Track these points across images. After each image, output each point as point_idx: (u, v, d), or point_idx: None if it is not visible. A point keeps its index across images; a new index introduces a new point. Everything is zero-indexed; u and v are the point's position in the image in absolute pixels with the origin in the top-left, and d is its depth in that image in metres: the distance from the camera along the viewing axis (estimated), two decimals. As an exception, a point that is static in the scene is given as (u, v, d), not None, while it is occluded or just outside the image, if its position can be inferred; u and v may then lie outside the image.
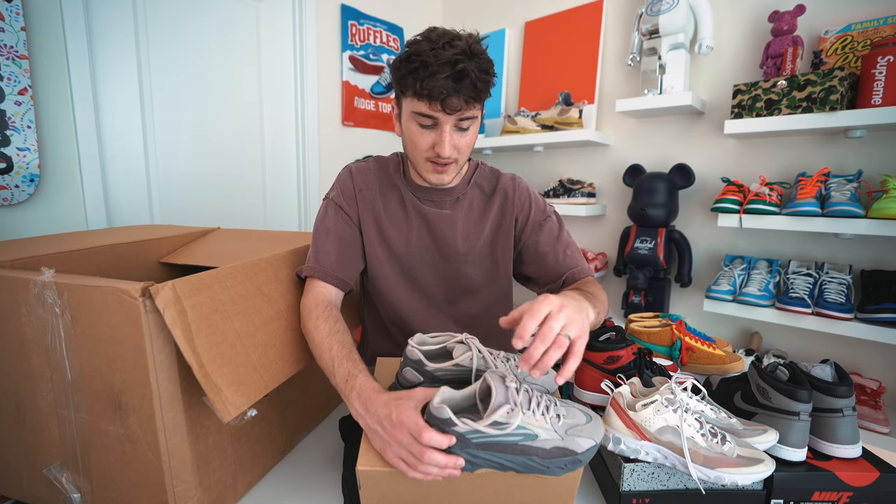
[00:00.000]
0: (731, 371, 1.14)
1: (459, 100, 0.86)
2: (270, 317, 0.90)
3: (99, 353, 0.74)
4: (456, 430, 0.63)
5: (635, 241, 1.93)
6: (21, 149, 1.49)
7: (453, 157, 0.94)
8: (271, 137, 2.25)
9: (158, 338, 0.71)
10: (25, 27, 1.47)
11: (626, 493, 0.82)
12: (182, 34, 1.92)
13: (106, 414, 0.76)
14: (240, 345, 0.81)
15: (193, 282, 0.76)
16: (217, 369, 0.75)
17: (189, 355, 0.71)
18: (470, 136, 0.94)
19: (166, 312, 0.69)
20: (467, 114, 0.89)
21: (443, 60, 0.83)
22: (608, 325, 1.20)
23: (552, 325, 0.64)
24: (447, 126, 0.90)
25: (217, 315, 0.78)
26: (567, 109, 2.16)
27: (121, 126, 1.81)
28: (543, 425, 0.67)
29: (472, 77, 0.84)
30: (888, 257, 1.54)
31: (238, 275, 0.87)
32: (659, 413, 0.80)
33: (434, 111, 0.87)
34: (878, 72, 1.39)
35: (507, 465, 0.66)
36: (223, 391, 0.74)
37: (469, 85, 0.85)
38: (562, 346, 0.64)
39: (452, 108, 0.86)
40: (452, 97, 0.85)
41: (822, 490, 0.80)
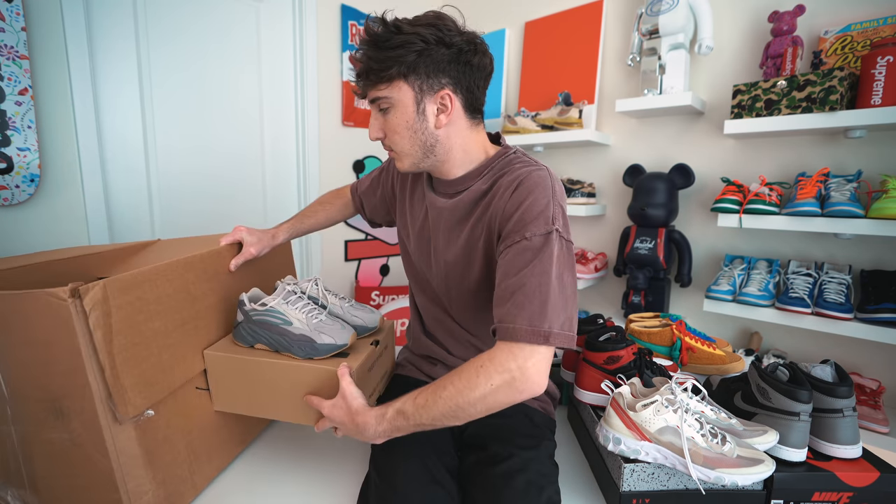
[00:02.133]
0: (731, 371, 1.14)
1: (361, 83, 0.91)
2: (190, 316, 0.93)
3: (34, 361, 0.73)
4: (244, 308, 0.96)
5: (635, 241, 1.93)
6: (21, 149, 1.49)
7: (386, 143, 0.94)
8: (271, 137, 2.25)
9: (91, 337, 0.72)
10: (26, 27, 1.47)
11: (626, 493, 0.82)
12: (182, 34, 1.92)
13: (48, 422, 0.75)
14: (154, 345, 0.83)
15: (124, 280, 0.78)
16: (128, 371, 0.77)
17: (104, 357, 0.73)
18: (393, 118, 0.89)
19: (92, 314, 0.71)
20: (371, 95, 0.90)
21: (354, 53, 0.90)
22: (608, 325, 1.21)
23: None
24: (371, 110, 0.93)
25: (140, 315, 0.81)
26: (567, 109, 2.16)
27: (121, 126, 1.81)
28: (298, 317, 0.95)
29: (364, 60, 0.87)
30: (888, 257, 1.54)
31: (169, 273, 0.88)
32: (659, 413, 0.80)
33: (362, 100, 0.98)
34: (877, 72, 1.39)
35: (269, 339, 0.94)
36: (127, 392, 0.77)
37: (363, 68, 0.88)
38: None
39: (360, 91, 0.92)
40: (358, 81, 0.91)
41: (823, 490, 0.81)
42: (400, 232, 1.16)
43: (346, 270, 2.61)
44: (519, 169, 0.89)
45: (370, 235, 2.69)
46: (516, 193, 0.86)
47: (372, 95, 0.90)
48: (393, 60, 0.84)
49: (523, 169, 0.89)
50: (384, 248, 2.77)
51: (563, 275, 0.79)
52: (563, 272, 0.79)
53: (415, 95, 0.87)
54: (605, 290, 2.27)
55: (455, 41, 0.86)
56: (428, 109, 0.88)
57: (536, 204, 0.82)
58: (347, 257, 2.60)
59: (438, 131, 0.91)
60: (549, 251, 0.78)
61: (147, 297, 0.82)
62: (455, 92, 0.89)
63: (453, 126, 0.92)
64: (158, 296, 0.85)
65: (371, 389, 1.03)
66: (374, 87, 0.88)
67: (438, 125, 0.90)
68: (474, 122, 0.95)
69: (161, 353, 0.84)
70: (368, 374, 0.99)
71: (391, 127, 0.91)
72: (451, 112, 0.89)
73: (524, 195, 0.84)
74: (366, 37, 0.86)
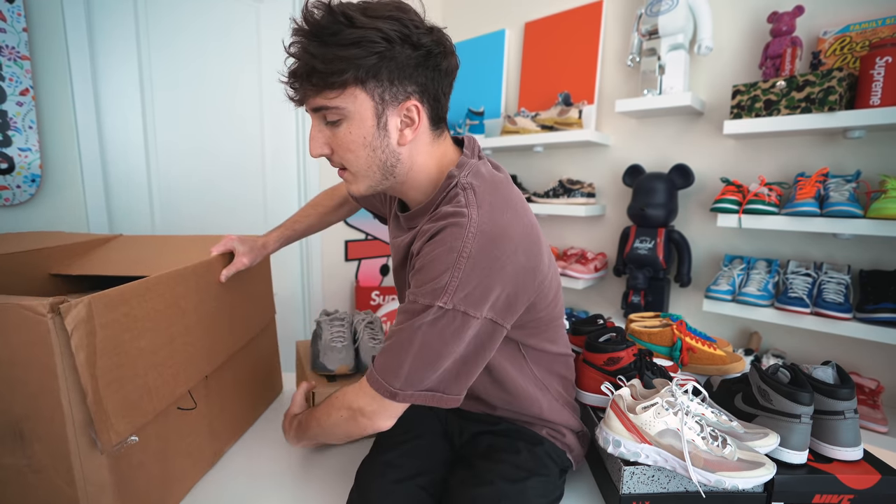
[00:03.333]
0: (731, 371, 1.14)
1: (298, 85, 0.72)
2: (178, 332, 0.86)
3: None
4: None
5: (635, 241, 1.93)
6: (22, 149, 1.50)
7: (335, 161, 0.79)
8: (271, 137, 2.25)
9: (70, 357, 0.64)
10: (27, 28, 1.47)
11: (626, 495, 0.83)
12: (183, 34, 1.92)
13: (3, 445, 0.67)
14: (140, 365, 0.76)
15: (111, 297, 0.70)
16: (111, 394, 0.70)
17: (86, 381, 0.65)
18: (345, 133, 0.73)
19: (74, 334, 0.63)
20: (315, 103, 0.72)
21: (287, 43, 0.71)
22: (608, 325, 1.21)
23: None
24: (313, 119, 0.76)
25: (127, 334, 0.73)
26: (567, 110, 2.16)
27: (122, 126, 1.81)
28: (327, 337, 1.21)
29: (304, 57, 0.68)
30: (887, 257, 1.55)
31: (160, 287, 0.81)
32: (659, 416, 0.81)
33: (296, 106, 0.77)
34: (876, 72, 1.39)
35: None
36: (111, 418, 0.70)
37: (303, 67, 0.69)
38: None
39: (297, 96, 0.74)
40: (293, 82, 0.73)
41: (823, 493, 0.81)
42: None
43: (346, 270, 2.61)
44: (445, 213, 0.74)
45: (370, 235, 2.69)
46: (425, 249, 0.73)
47: (316, 104, 0.72)
48: (347, 62, 0.66)
49: (446, 216, 0.73)
50: (384, 248, 2.77)
51: (433, 349, 0.70)
52: (437, 348, 0.70)
53: (374, 106, 0.71)
54: (605, 290, 2.27)
55: (423, 41, 0.70)
56: (391, 122, 0.73)
57: (433, 269, 0.70)
58: (347, 257, 2.60)
59: (402, 149, 0.76)
60: (420, 321, 0.69)
61: (135, 313, 0.75)
62: (422, 102, 0.74)
63: (417, 143, 0.77)
64: (147, 312, 0.77)
65: None
66: (320, 93, 0.70)
67: (402, 141, 0.75)
68: (436, 133, 0.80)
69: (147, 373, 0.78)
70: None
71: (342, 143, 0.74)
72: (417, 126, 0.75)
73: (429, 253, 0.72)
74: (306, 26, 0.68)
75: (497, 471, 0.82)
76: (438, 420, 1.01)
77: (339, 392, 0.83)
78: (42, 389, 0.64)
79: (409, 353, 0.70)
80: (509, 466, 0.83)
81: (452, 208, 0.73)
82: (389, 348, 0.73)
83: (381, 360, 0.74)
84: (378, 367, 0.74)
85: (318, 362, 1.16)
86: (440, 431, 0.99)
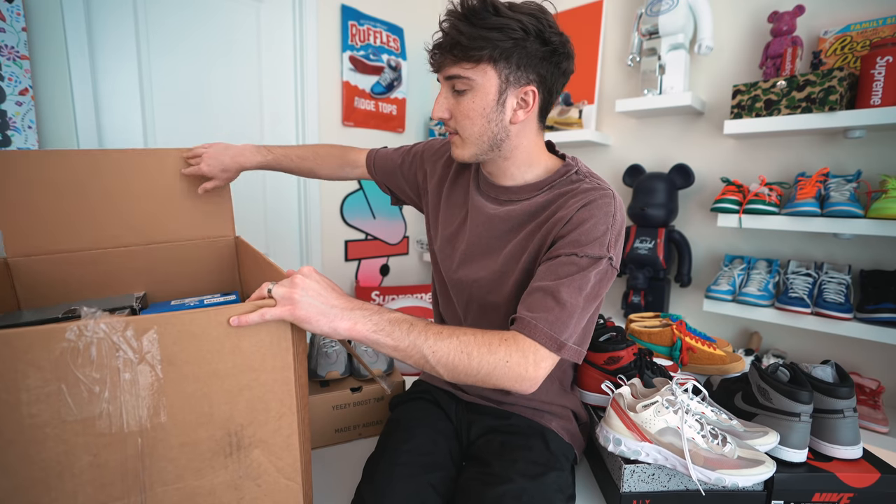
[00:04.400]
0: (731, 371, 1.14)
1: (439, 55, 0.83)
2: None
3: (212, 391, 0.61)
4: None
5: (635, 241, 1.93)
6: (22, 149, 1.49)
7: (451, 125, 0.89)
8: (271, 137, 2.25)
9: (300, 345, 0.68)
10: (26, 28, 1.47)
11: (627, 494, 0.83)
12: (182, 34, 1.92)
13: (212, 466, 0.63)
14: None
15: None
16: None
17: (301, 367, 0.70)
18: (467, 103, 0.84)
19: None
20: (450, 71, 0.83)
21: (441, 20, 0.82)
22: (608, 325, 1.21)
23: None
24: (442, 87, 0.87)
25: None
26: (567, 109, 2.16)
27: (121, 126, 1.81)
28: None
29: (452, 33, 0.80)
30: (887, 257, 1.55)
31: None
32: (659, 414, 0.81)
33: (434, 72, 0.88)
34: (877, 72, 1.39)
35: None
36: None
37: (448, 40, 0.80)
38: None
39: (436, 63, 0.85)
40: (435, 52, 0.84)
41: (823, 491, 0.81)
42: (429, 230, 1.11)
43: (346, 270, 2.61)
44: (586, 188, 0.86)
45: (370, 235, 2.69)
46: (579, 214, 0.82)
47: (451, 72, 0.83)
48: (487, 41, 0.78)
49: (590, 190, 0.85)
50: (384, 248, 2.77)
51: (592, 299, 0.80)
52: (594, 297, 0.80)
53: (499, 84, 0.82)
54: (605, 289, 2.27)
55: (553, 39, 0.83)
56: (508, 101, 0.84)
57: (595, 229, 0.80)
58: (347, 257, 2.60)
59: (512, 127, 0.86)
60: (591, 273, 0.78)
61: None
62: (538, 90, 0.85)
63: (526, 125, 0.88)
64: None
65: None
66: (458, 63, 0.81)
67: (515, 120, 0.86)
68: (541, 126, 0.92)
69: None
70: None
71: (463, 110, 0.85)
72: (530, 110, 0.86)
73: (586, 216, 0.82)
74: (459, 9, 0.79)
75: (516, 468, 0.82)
76: (447, 418, 1.01)
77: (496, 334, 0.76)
78: (271, 389, 0.64)
79: (577, 304, 0.77)
80: (526, 463, 0.84)
81: (597, 184, 0.87)
82: (558, 299, 0.77)
83: (542, 316, 0.77)
84: (542, 322, 0.76)
85: (310, 368, 1.17)
86: (449, 429, 0.99)
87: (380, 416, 1.17)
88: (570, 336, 0.77)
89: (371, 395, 1.16)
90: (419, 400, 1.05)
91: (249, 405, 0.63)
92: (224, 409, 0.62)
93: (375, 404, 1.16)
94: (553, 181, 0.90)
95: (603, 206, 0.82)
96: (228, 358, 0.61)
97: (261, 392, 0.64)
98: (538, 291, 0.79)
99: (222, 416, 0.62)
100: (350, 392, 1.13)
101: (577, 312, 0.77)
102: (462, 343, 0.73)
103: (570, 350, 0.77)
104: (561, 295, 0.77)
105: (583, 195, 0.84)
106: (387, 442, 0.93)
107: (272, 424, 0.66)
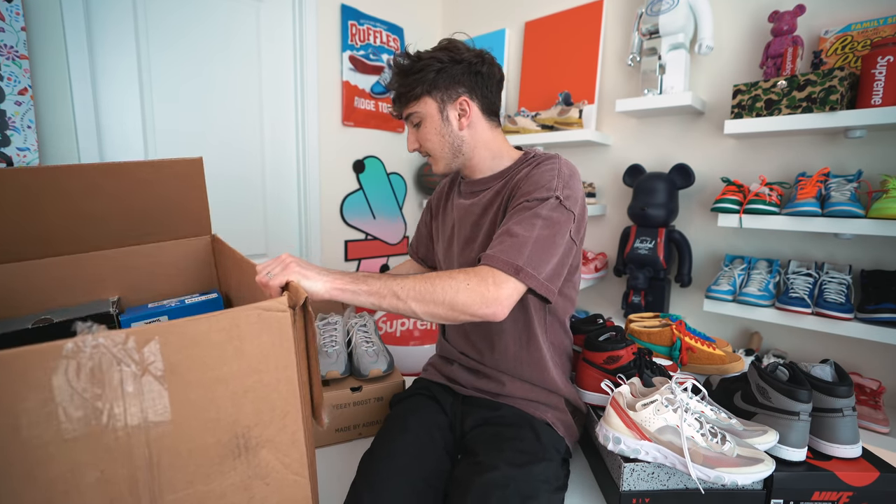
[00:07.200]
0: (731, 371, 1.14)
1: (396, 105, 1.08)
2: None
3: (219, 395, 0.61)
4: None
5: (635, 241, 1.93)
6: (21, 149, 1.49)
7: (422, 151, 1.08)
8: (271, 137, 2.25)
9: (301, 344, 0.70)
10: (25, 27, 1.47)
11: (626, 492, 0.82)
12: (182, 34, 1.92)
13: (222, 469, 0.63)
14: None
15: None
16: (317, 375, 0.77)
17: (313, 366, 0.74)
18: (424, 130, 1.04)
19: (297, 323, 0.69)
20: (405, 112, 1.06)
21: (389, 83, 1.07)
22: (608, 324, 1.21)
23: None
24: (406, 126, 1.09)
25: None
26: (567, 109, 2.15)
27: (121, 126, 1.81)
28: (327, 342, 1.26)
29: (396, 87, 1.04)
30: (888, 257, 1.54)
31: None
32: (659, 413, 0.80)
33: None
34: (877, 72, 1.39)
35: None
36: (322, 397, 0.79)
37: (396, 93, 1.05)
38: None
39: (397, 112, 1.09)
40: (394, 104, 1.09)
41: (822, 490, 0.81)
42: (436, 247, 1.24)
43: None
44: (539, 160, 1.00)
45: (370, 235, 2.69)
46: (527, 170, 0.98)
47: (405, 113, 1.06)
48: (417, 82, 1.00)
49: (542, 160, 1.00)
50: (384, 248, 2.77)
51: (548, 229, 0.87)
52: (550, 227, 0.87)
53: (438, 105, 1.02)
54: (605, 290, 2.27)
55: (465, 57, 1.01)
56: (451, 115, 1.03)
57: (542, 178, 0.93)
58: (347, 257, 2.60)
59: (462, 132, 1.04)
60: (540, 209, 0.88)
61: None
62: (471, 98, 1.03)
63: (475, 127, 1.05)
64: None
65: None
66: (406, 106, 1.04)
67: (461, 127, 1.04)
68: (493, 123, 1.08)
69: None
70: None
71: (424, 136, 1.05)
72: (470, 114, 1.03)
73: (535, 174, 0.95)
74: (395, 69, 1.03)
75: (503, 457, 0.84)
76: (443, 411, 1.04)
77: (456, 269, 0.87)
78: (275, 388, 0.65)
79: (530, 235, 0.86)
80: (514, 452, 0.87)
81: (544, 157, 1.00)
82: (506, 239, 0.86)
83: (497, 249, 0.86)
84: (497, 252, 0.85)
85: None
86: (444, 422, 1.02)
87: (380, 416, 1.17)
88: (527, 262, 0.84)
89: (371, 394, 1.16)
90: (417, 396, 1.10)
91: (255, 406, 0.63)
92: (230, 412, 0.62)
93: (376, 404, 1.17)
94: (516, 167, 1.05)
95: (549, 164, 0.96)
96: (232, 362, 0.61)
97: (265, 392, 0.64)
98: (496, 235, 0.90)
99: (229, 420, 0.62)
100: (350, 392, 1.14)
101: (530, 241, 0.85)
102: (426, 277, 0.84)
103: (531, 277, 0.84)
104: (513, 230, 0.87)
105: (532, 162, 1.01)
106: (382, 437, 0.96)
107: (277, 423, 0.65)
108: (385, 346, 1.28)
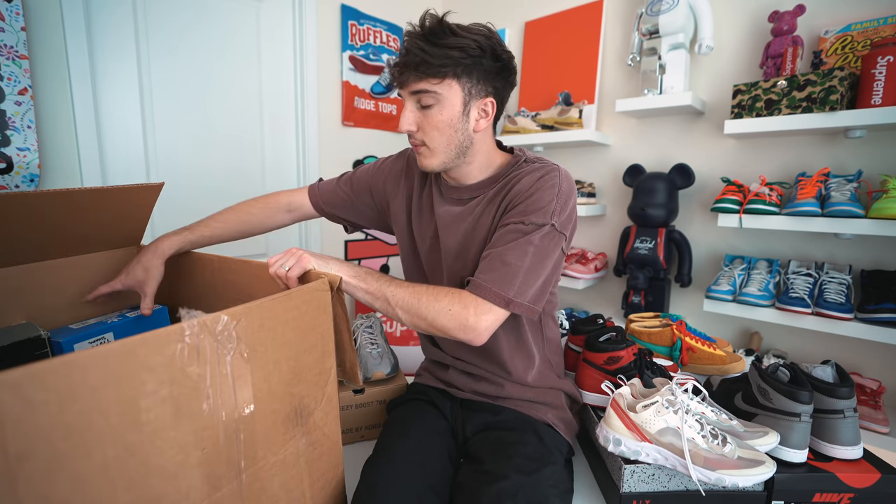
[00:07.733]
0: (731, 371, 1.14)
1: (405, 72, 0.89)
2: None
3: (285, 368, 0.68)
4: None
5: (635, 241, 1.93)
6: (21, 149, 1.49)
7: (418, 137, 0.94)
8: (271, 137, 2.25)
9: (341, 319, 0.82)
10: (25, 27, 1.47)
11: (627, 494, 0.82)
12: (182, 34, 1.92)
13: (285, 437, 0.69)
14: None
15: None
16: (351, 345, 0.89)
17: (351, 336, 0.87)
18: (435, 115, 0.90)
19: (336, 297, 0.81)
20: (417, 87, 0.89)
21: (404, 43, 0.90)
22: (608, 325, 1.21)
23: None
24: (407, 102, 0.93)
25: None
26: (567, 109, 2.15)
27: (121, 126, 1.81)
28: None
29: (416, 52, 0.86)
30: (888, 257, 1.54)
31: None
32: (659, 414, 0.80)
33: (398, 89, 0.94)
34: (877, 72, 1.39)
35: None
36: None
37: (414, 58, 0.87)
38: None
39: (401, 80, 0.91)
40: (400, 70, 0.90)
41: (823, 491, 0.80)
42: (402, 244, 1.14)
43: (345, 270, 2.61)
44: (535, 168, 0.94)
45: (370, 235, 2.69)
46: (527, 186, 0.91)
47: (417, 87, 0.89)
48: (450, 59, 0.86)
49: (538, 168, 0.94)
50: (384, 248, 2.77)
51: (540, 257, 0.87)
52: (542, 256, 0.87)
53: (464, 97, 0.90)
54: (605, 290, 2.27)
55: (503, 56, 0.92)
56: (472, 112, 0.92)
57: (541, 199, 0.88)
58: (347, 257, 2.60)
59: (475, 135, 0.94)
60: (534, 236, 0.86)
61: None
62: (495, 101, 0.94)
63: (485, 133, 0.97)
64: None
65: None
66: (424, 79, 0.88)
67: (477, 129, 0.94)
68: (493, 132, 1.02)
69: None
70: None
71: (431, 122, 0.91)
72: (489, 119, 0.95)
73: (533, 189, 0.90)
74: (419, 30, 0.88)
75: (511, 464, 0.83)
76: (443, 416, 1.03)
77: (445, 288, 0.89)
78: (320, 360, 0.75)
79: (522, 265, 0.85)
80: (521, 459, 0.86)
81: (543, 164, 0.95)
82: (497, 266, 0.86)
83: (489, 276, 0.86)
84: (488, 282, 0.85)
85: None
86: (445, 428, 1.00)
87: (382, 419, 1.16)
88: (518, 293, 0.85)
89: (374, 397, 1.15)
90: (415, 401, 1.07)
91: (308, 376, 0.72)
92: (292, 383, 0.69)
93: (378, 406, 1.16)
94: (507, 172, 0.97)
95: (549, 180, 0.90)
96: (294, 339, 0.69)
97: (313, 363, 0.73)
98: (488, 257, 0.88)
99: (292, 391, 0.69)
100: (353, 394, 1.13)
101: (521, 271, 0.85)
102: (416, 291, 0.87)
103: (519, 305, 0.85)
104: (506, 257, 0.85)
105: (532, 173, 0.93)
106: (383, 444, 0.94)
107: (320, 390, 0.75)
108: (390, 348, 1.27)
